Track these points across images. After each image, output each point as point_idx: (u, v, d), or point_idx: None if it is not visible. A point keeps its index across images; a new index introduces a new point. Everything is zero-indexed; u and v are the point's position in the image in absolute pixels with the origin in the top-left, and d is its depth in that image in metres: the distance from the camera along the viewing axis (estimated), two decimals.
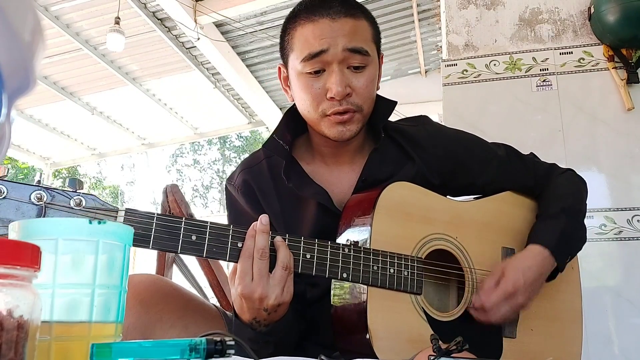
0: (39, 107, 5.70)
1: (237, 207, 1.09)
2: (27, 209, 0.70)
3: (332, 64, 0.96)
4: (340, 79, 0.95)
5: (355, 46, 0.96)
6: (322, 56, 0.95)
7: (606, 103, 1.99)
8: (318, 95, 0.97)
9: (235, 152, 15.65)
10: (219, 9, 4.15)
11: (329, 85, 0.95)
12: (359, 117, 0.99)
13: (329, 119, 0.98)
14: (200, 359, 0.44)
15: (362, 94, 0.98)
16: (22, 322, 0.38)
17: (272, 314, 0.84)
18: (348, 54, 0.96)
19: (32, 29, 0.42)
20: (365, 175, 1.04)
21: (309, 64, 0.96)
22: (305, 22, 0.98)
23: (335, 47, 0.95)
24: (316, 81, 0.97)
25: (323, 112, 0.98)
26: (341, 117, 0.97)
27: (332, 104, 0.96)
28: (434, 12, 4.58)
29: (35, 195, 0.71)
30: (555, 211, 1.09)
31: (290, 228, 1.02)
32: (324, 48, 0.95)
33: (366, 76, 0.98)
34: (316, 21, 0.96)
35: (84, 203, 0.74)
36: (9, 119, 0.42)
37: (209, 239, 0.81)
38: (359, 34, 0.98)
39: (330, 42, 0.95)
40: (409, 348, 0.87)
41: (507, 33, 2.18)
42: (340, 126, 0.98)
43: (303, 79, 0.98)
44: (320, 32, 0.96)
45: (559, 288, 1.11)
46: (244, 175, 1.09)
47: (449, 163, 1.09)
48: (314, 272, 0.86)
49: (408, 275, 0.93)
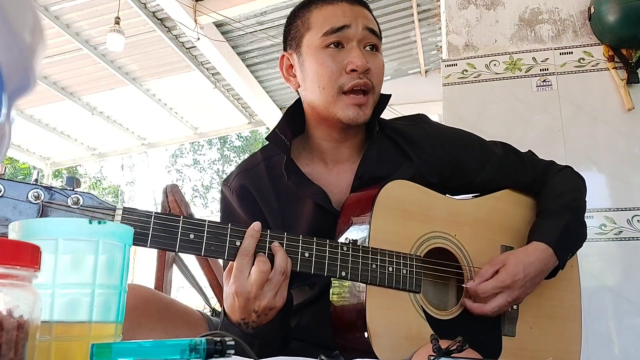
0: (39, 107, 5.69)
1: (230, 209, 1.09)
2: (25, 208, 0.69)
3: (353, 40, 1.00)
4: (360, 52, 0.99)
5: (373, 28, 1.03)
6: (344, 31, 1.00)
7: (606, 103, 1.99)
8: (337, 70, 0.99)
9: (235, 152, 15.64)
10: (219, 9, 4.15)
11: (351, 59, 0.99)
12: (371, 101, 1.02)
13: (345, 98, 1.00)
14: (200, 359, 0.44)
15: (377, 74, 1.02)
16: (22, 322, 0.38)
17: (262, 316, 0.85)
18: (367, 33, 1.01)
19: (32, 29, 0.42)
20: (361, 172, 1.04)
21: (331, 37, 1.00)
22: (323, 5, 1.04)
23: (357, 25, 1.00)
24: (336, 55, 1.00)
25: (341, 87, 0.99)
26: (358, 98, 0.99)
27: (352, 77, 0.99)
28: (434, 12, 4.58)
29: (33, 193, 0.70)
30: (556, 208, 1.09)
31: (288, 227, 1.02)
32: (347, 23, 1.00)
33: (379, 60, 1.04)
34: (335, 4, 1.03)
35: (82, 202, 0.74)
36: (9, 119, 0.42)
37: (207, 238, 0.81)
38: (373, 21, 1.05)
39: (352, 19, 1.01)
40: (407, 346, 0.87)
41: (507, 33, 2.18)
42: (357, 109, 1.00)
43: (322, 53, 1.01)
44: (342, 11, 1.02)
45: (558, 286, 1.11)
46: (241, 179, 1.09)
47: (447, 162, 1.09)
48: (312, 271, 0.86)
49: (407, 274, 0.93)
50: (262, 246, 0.84)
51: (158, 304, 0.99)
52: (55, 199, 0.72)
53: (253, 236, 0.83)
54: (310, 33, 1.02)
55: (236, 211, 1.08)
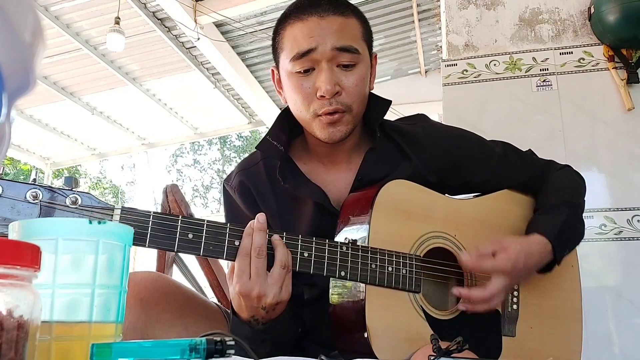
0: (39, 107, 5.70)
1: (235, 207, 1.09)
2: (23, 207, 0.69)
3: (321, 62, 0.95)
4: (329, 77, 0.94)
5: (344, 44, 0.95)
6: (310, 55, 0.95)
7: (606, 103, 1.99)
8: (308, 95, 0.96)
9: (235, 152, 15.64)
10: (219, 9, 4.15)
11: (319, 84, 0.95)
12: (349, 118, 0.98)
13: (320, 119, 0.97)
14: (200, 359, 0.44)
15: (351, 93, 0.97)
16: (22, 322, 0.38)
17: (270, 312, 0.84)
18: (337, 52, 0.95)
19: (33, 29, 0.42)
20: (361, 175, 1.03)
21: (298, 63, 0.96)
22: (294, 21, 0.98)
23: (324, 45, 0.94)
24: (306, 80, 0.96)
25: (314, 113, 0.97)
26: (331, 117, 0.96)
27: (323, 104, 0.96)
28: (434, 12, 4.58)
29: (31, 193, 0.70)
30: (555, 203, 1.09)
31: (287, 228, 1.02)
32: (313, 46, 0.94)
33: (356, 75, 0.97)
34: (305, 20, 0.96)
35: (80, 201, 0.73)
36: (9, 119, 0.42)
37: (206, 237, 0.81)
38: (348, 32, 0.97)
39: (318, 40, 0.94)
40: (407, 346, 0.87)
41: (507, 33, 2.18)
42: (331, 127, 0.97)
43: (293, 78, 0.98)
44: (309, 31, 0.95)
45: (559, 286, 1.11)
46: (241, 177, 1.09)
47: (447, 161, 1.08)
48: (311, 271, 0.86)
49: (406, 274, 0.93)
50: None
51: (180, 299, 0.99)
52: (53, 199, 0.71)
53: (250, 234, 0.82)
54: (283, 55, 0.99)
55: (240, 209, 1.08)
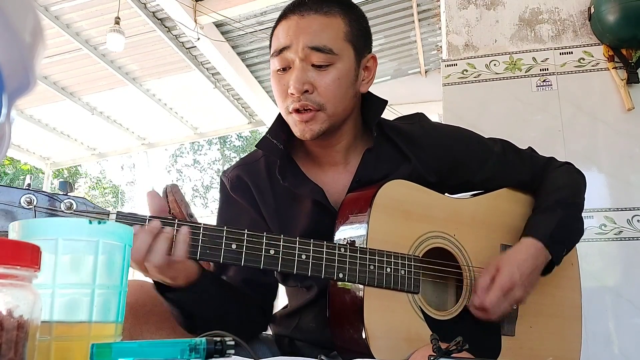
0: (39, 107, 5.69)
1: (227, 197, 1.10)
2: (18, 213, 0.69)
3: (295, 60, 0.96)
4: (297, 75, 0.95)
5: (317, 45, 0.95)
6: (284, 53, 0.97)
7: (606, 103, 1.99)
8: (283, 92, 0.99)
9: (235, 152, 15.63)
10: (219, 9, 4.15)
11: (288, 83, 0.96)
12: (323, 117, 0.98)
13: (292, 116, 0.99)
14: (200, 359, 0.44)
15: (324, 93, 0.97)
16: (22, 322, 0.38)
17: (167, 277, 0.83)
18: (309, 51, 0.95)
19: (33, 29, 0.42)
20: (359, 176, 1.03)
21: (276, 60, 0.99)
22: (281, 19, 1.01)
23: (297, 44, 0.96)
24: (282, 78, 0.98)
25: (287, 109, 0.99)
26: (300, 116, 0.97)
27: (292, 100, 0.97)
28: (434, 12, 4.58)
29: (25, 199, 0.70)
30: (549, 204, 1.09)
31: (285, 226, 1.02)
32: (287, 45, 0.97)
33: (331, 75, 0.97)
34: (288, 18, 0.99)
35: (75, 206, 0.73)
36: (9, 119, 0.42)
37: (202, 241, 0.81)
38: (326, 32, 0.97)
39: (292, 39, 0.96)
40: (406, 347, 0.87)
41: (507, 33, 2.18)
42: (302, 125, 0.98)
43: (274, 76, 1.01)
44: (287, 29, 0.97)
45: (558, 285, 1.11)
46: (239, 171, 1.10)
47: (446, 160, 1.08)
48: (309, 273, 0.86)
49: (405, 274, 0.92)
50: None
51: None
52: (48, 204, 0.71)
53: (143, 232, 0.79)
54: (271, 53, 1.02)
55: (232, 198, 1.08)
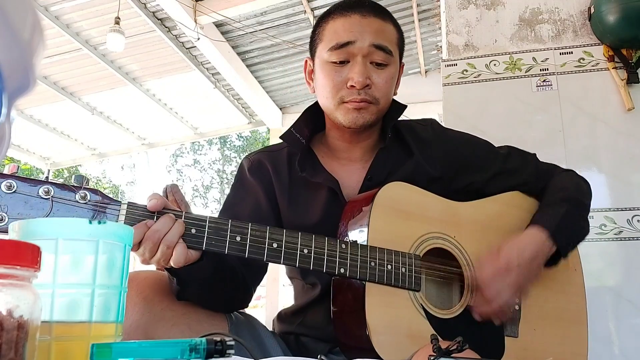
0: (39, 107, 5.69)
1: (243, 177, 1.13)
2: (36, 203, 0.75)
3: (357, 56, 1.02)
4: (362, 70, 1.01)
5: (381, 43, 1.02)
6: (348, 47, 1.02)
7: (606, 103, 1.99)
8: (339, 84, 1.03)
9: (236, 152, 15.63)
10: (219, 9, 4.15)
11: (351, 75, 1.01)
12: (374, 109, 1.04)
13: (345, 105, 1.03)
14: (200, 359, 0.44)
15: (380, 89, 1.03)
16: (22, 322, 0.38)
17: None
18: (373, 49, 1.02)
19: (32, 29, 0.42)
20: (371, 173, 1.07)
21: (335, 54, 1.03)
22: (337, 16, 1.05)
23: (363, 40, 1.01)
24: (339, 70, 1.03)
25: (341, 99, 1.03)
26: (357, 104, 1.02)
27: (351, 92, 1.02)
28: (434, 12, 4.58)
29: (43, 189, 0.76)
30: (555, 199, 1.10)
31: (300, 213, 1.07)
32: (352, 39, 1.02)
33: (387, 74, 1.04)
34: (348, 16, 1.04)
35: (89, 197, 0.78)
36: (9, 119, 0.42)
37: (208, 232, 0.84)
38: (386, 34, 1.05)
39: (358, 35, 1.02)
40: (408, 343, 0.88)
41: (507, 33, 2.18)
42: (355, 112, 1.03)
43: (328, 67, 1.04)
44: (350, 26, 1.03)
45: (562, 290, 1.12)
46: (261, 156, 1.15)
47: (453, 160, 1.12)
48: (311, 267, 0.88)
49: (406, 272, 0.94)
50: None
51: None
52: (64, 195, 0.77)
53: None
54: (322, 45, 1.06)
55: (246, 180, 1.12)
